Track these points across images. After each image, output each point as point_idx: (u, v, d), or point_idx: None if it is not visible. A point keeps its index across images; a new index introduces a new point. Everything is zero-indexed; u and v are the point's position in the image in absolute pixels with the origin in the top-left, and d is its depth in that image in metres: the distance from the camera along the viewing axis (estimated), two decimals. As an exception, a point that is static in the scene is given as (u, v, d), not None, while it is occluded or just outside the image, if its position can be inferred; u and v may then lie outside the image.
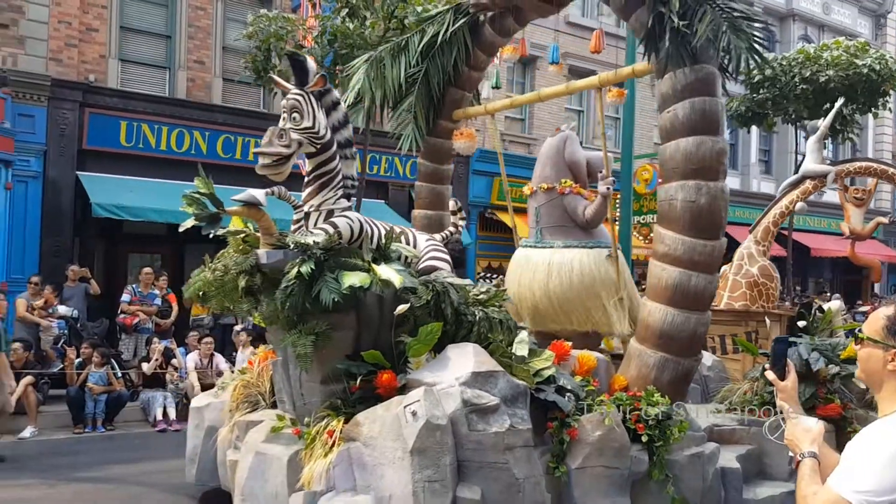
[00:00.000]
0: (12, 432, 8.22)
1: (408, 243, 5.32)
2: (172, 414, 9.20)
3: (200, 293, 4.70)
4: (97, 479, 6.61)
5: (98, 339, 9.83)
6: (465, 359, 4.46)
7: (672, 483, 4.69)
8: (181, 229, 4.80)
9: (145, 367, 9.57)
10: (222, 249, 14.00)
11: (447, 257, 5.49)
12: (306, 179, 5.01)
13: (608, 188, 5.81)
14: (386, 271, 4.46)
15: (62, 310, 9.99)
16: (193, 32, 13.13)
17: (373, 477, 4.13)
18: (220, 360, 10.18)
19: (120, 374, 9.33)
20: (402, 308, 4.48)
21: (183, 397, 9.58)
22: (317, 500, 4.16)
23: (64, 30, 11.88)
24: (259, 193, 4.63)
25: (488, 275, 14.33)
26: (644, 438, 4.66)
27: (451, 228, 6.22)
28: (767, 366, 2.39)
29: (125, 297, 10.46)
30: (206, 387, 9.56)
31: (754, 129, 19.19)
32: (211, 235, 4.76)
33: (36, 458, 7.31)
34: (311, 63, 4.88)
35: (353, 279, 4.34)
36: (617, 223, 8.30)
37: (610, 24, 17.23)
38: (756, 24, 5.00)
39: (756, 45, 4.87)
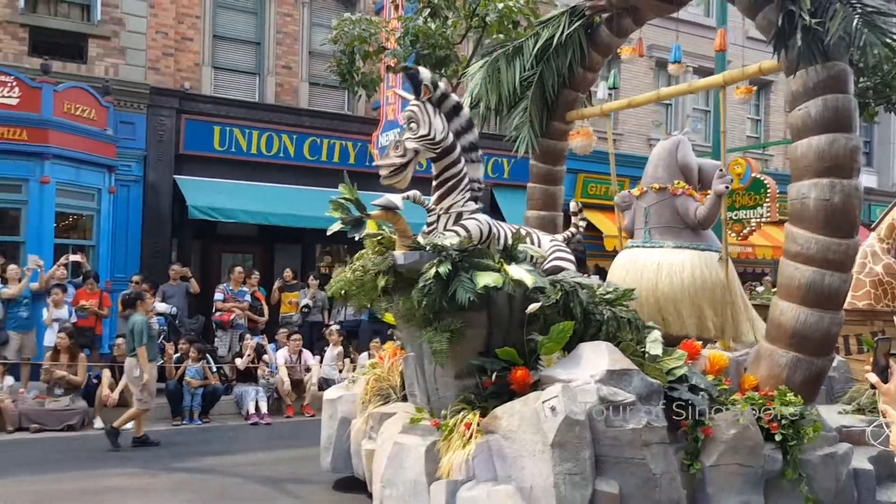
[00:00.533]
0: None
1: (532, 244, 5.49)
2: (264, 408, 9.53)
3: (342, 292, 4.97)
4: (194, 470, 6.96)
5: (195, 336, 10.25)
6: (599, 357, 4.63)
7: (805, 483, 4.75)
8: (329, 233, 5.10)
9: (238, 362, 9.94)
10: (309, 251, 14.30)
11: (572, 257, 5.65)
12: (434, 183, 5.25)
13: (726, 186, 5.85)
14: (518, 271, 4.66)
15: (161, 307, 10.45)
16: (281, 38, 13.61)
17: (513, 468, 4.34)
18: (307, 356, 10.50)
19: (215, 369, 9.72)
20: (534, 307, 4.66)
21: (273, 392, 9.92)
22: (458, 489, 4.39)
23: (161, 40, 12.51)
24: (396, 198, 4.90)
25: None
26: (777, 438, 4.73)
27: (573, 229, 6.35)
28: (868, 368, 2.35)
29: (218, 295, 10.90)
30: (294, 382, 9.97)
31: (855, 118, 18.65)
32: (350, 236, 5.02)
33: (138, 447, 7.71)
34: (424, 73, 5.15)
35: (487, 279, 4.56)
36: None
37: (698, 13, 17.06)
38: (891, 19, 4.96)
39: (891, 41, 4.85)
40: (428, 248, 4.79)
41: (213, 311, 10.88)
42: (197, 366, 9.31)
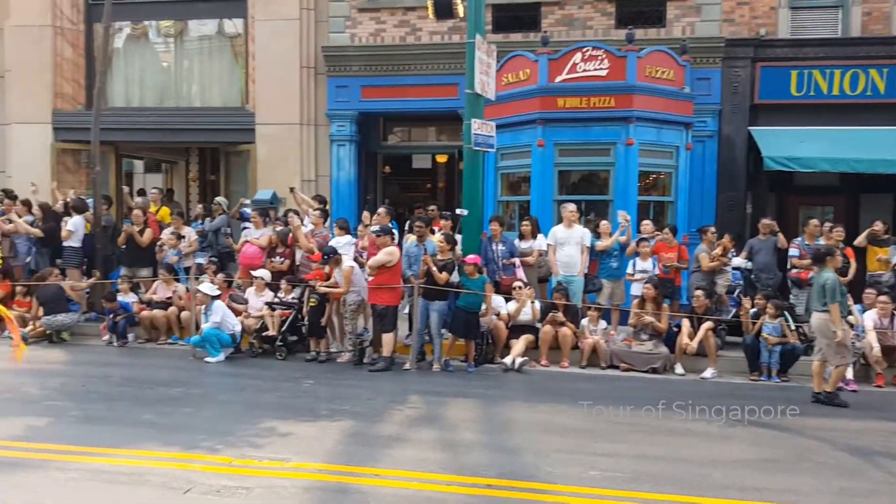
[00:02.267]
0: (695, 371, 9.34)
1: None
2: (849, 373, 9.01)
3: None
4: (771, 426, 7.15)
5: (772, 291, 10.24)
6: None
7: None
8: None
9: (814, 322, 9.59)
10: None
11: None
12: None
13: None
14: None
15: (737, 261, 10.75)
16: (871, -39, 12.39)
17: None
18: (904, 319, 9.50)
19: (794, 327, 9.56)
20: None
21: (860, 357, 9.32)
22: None
23: (736, -10, 12.79)
24: None
25: None
26: None
27: None
28: None
29: (793, 251, 10.69)
30: (885, 348, 9.18)
31: None
32: None
33: (714, 397, 8.08)
34: None
35: None
36: None
37: None
38: None
39: None
40: None
41: (789, 267, 10.70)
42: (775, 322, 9.37)
